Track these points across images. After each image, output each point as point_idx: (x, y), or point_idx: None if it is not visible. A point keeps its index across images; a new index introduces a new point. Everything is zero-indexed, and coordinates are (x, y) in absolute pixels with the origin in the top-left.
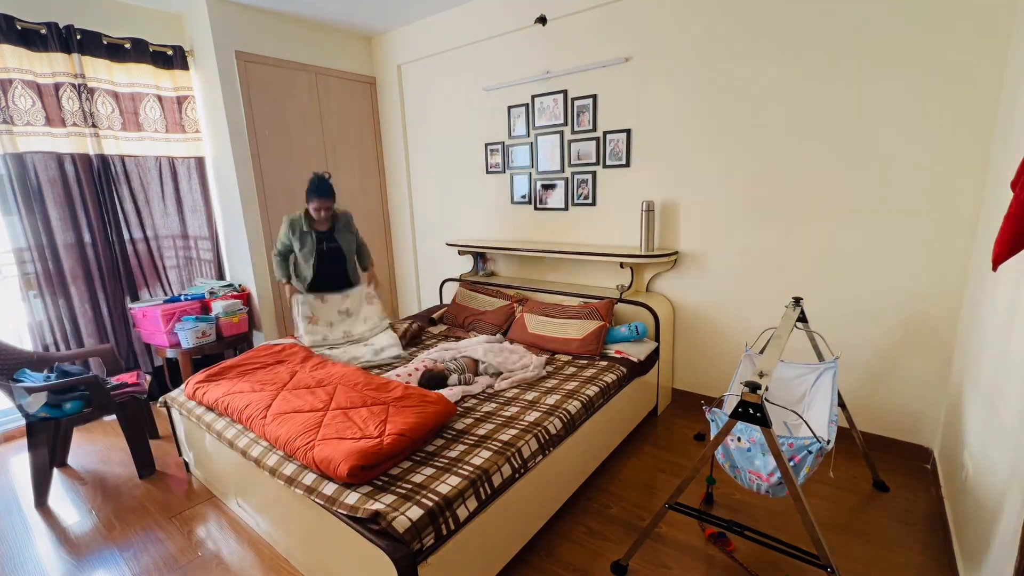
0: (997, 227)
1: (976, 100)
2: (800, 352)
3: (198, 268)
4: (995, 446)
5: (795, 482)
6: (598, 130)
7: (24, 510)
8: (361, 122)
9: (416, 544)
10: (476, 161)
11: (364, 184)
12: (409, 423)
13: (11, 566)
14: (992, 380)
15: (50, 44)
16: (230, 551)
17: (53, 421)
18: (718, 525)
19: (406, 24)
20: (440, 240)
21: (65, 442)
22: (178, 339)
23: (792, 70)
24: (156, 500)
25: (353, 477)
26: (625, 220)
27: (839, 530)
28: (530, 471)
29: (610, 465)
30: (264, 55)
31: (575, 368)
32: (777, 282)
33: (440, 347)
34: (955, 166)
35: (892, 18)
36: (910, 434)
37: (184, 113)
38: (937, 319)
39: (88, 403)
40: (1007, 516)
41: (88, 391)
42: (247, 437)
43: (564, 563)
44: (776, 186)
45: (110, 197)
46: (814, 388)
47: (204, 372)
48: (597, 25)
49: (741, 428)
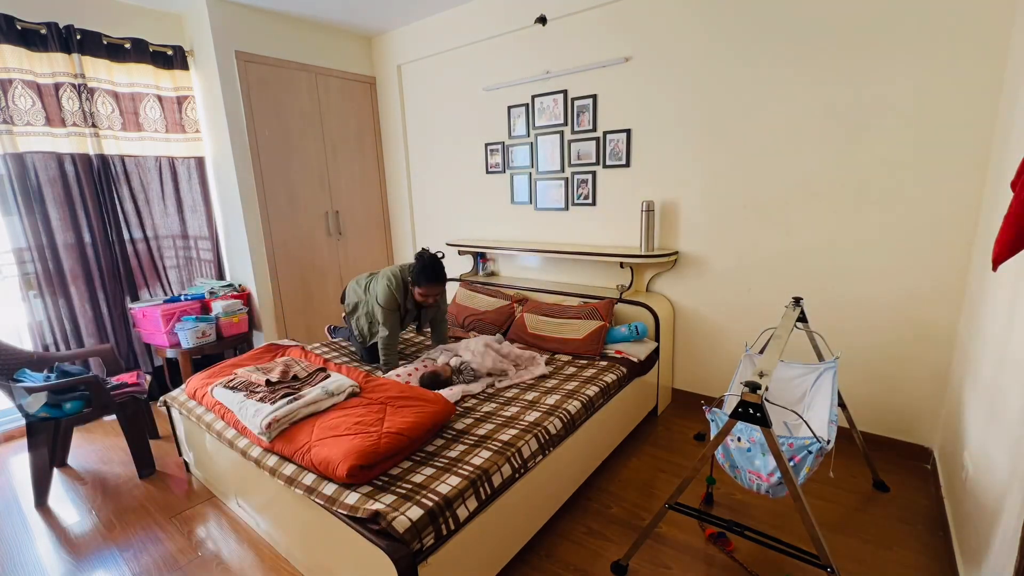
0: (997, 227)
1: (976, 100)
2: (800, 352)
3: (198, 268)
4: (995, 446)
5: (795, 482)
6: (598, 130)
7: (24, 510)
8: (361, 122)
9: (416, 544)
10: (476, 161)
11: (364, 184)
12: (408, 422)
13: (11, 566)
14: (992, 380)
15: (50, 44)
16: (230, 551)
17: (53, 421)
18: (718, 525)
19: (406, 24)
20: (440, 240)
21: (65, 442)
22: (178, 339)
23: (792, 70)
24: (156, 500)
25: (352, 477)
26: (625, 220)
27: (839, 530)
28: (530, 471)
29: (610, 465)
30: (264, 55)
31: (575, 368)
32: (777, 282)
33: (440, 348)
34: (955, 166)
35: (892, 18)
36: (910, 434)
37: (184, 113)
38: (937, 319)
39: (88, 403)
40: (1007, 516)
41: (88, 391)
42: (247, 437)
43: (564, 563)
44: (776, 186)
45: (110, 197)
46: (814, 388)
47: (205, 372)
48: (597, 25)
49: (741, 428)
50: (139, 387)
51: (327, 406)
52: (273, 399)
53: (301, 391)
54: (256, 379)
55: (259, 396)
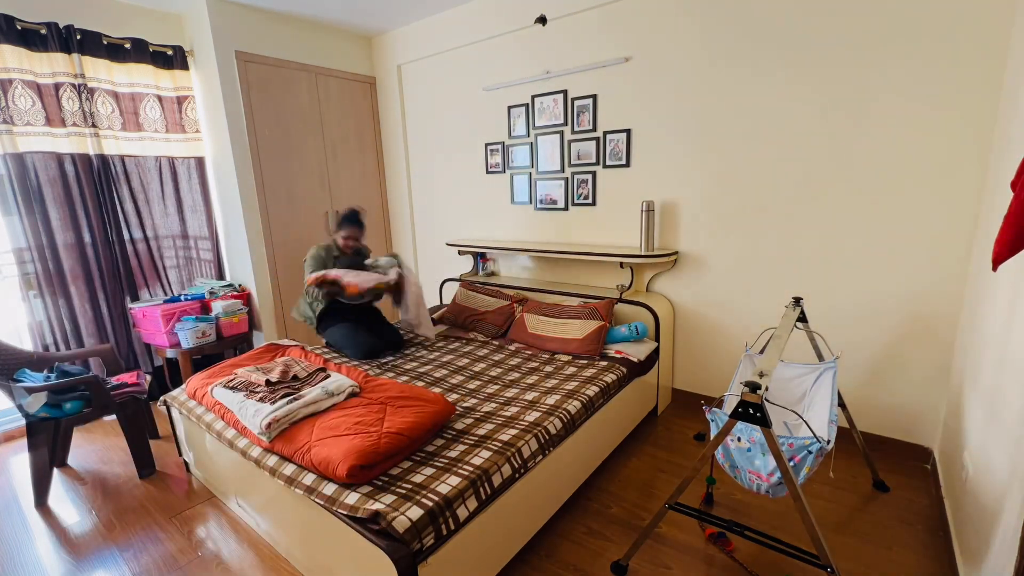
0: (997, 227)
1: (976, 100)
2: (800, 352)
3: (198, 268)
4: (995, 446)
5: (795, 482)
6: (598, 130)
7: (24, 510)
8: (361, 122)
9: (416, 544)
10: (476, 161)
11: (364, 184)
12: (408, 422)
13: (11, 566)
14: (992, 380)
15: (50, 44)
16: (230, 551)
17: (53, 421)
18: (718, 525)
19: (406, 24)
20: (440, 240)
21: (65, 442)
22: (178, 339)
23: (792, 70)
24: (156, 500)
25: (352, 477)
26: (625, 220)
27: (839, 530)
28: (530, 471)
29: (610, 465)
30: (264, 55)
31: (575, 368)
32: (777, 282)
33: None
34: (955, 166)
35: (892, 19)
36: (910, 434)
37: (184, 113)
38: (937, 319)
39: (88, 403)
40: (1007, 516)
41: (88, 391)
42: (247, 437)
43: (564, 563)
44: (776, 186)
45: (110, 197)
46: (814, 388)
47: (205, 372)
48: (597, 25)
49: (741, 428)
50: (139, 387)
51: (327, 406)
52: (273, 399)
53: (301, 391)
54: (256, 379)
55: (259, 396)
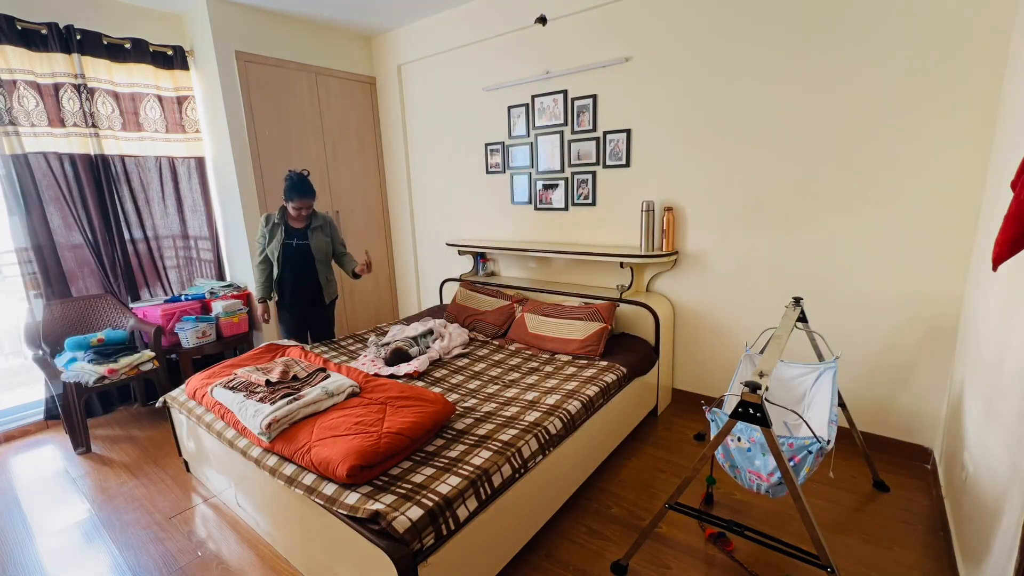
0: (997, 227)
1: (976, 100)
2: (800, 352)
3: (198, 268)
4: (995, 446)
5: (795, 482)
6: (598, 130)
7: (24, 510)
8: (361, 122)
9: (416, 544)
10: (476, 161)
11: (364, 184)
12: (408, 422)
13: (11, 566)
14: (992, 380)
15: (50, 44)
16: (230, 551)
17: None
18: (718, 525)
19: (406, 24)
20: (440, 240)
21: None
22: (178, 339)
23: (792, 70)
24: (156, 500)
25: (352, 477)
26: (625, 220)
27: (839, 530)
28: (530, 471)
29: (610, 465)
30: (264, 55)
31: (575, 368)
32: (777, 282)
33: (390, 334)
34: (955, 166)
35: (892, 19)
36: (910, 434)
37: (184, 113)
38: (937, 319)
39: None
40: (1007, 516)
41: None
42: (247, 437)
43: (564, 563)
44: (776, 186)
45: (110, 197)
46: (814, 388)
47: (205, 372)
48: (597, 25)
49: (741, 428)
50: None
51: (327, 406)
52: (273, 399)
53: (301, 391)
54: (256, 379)
55: (259, 396)
